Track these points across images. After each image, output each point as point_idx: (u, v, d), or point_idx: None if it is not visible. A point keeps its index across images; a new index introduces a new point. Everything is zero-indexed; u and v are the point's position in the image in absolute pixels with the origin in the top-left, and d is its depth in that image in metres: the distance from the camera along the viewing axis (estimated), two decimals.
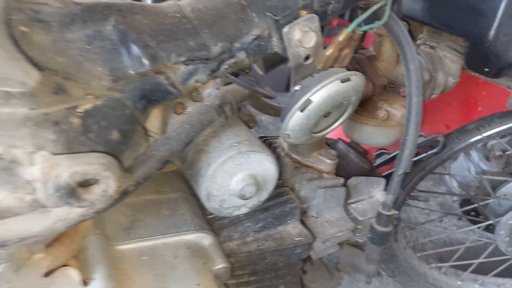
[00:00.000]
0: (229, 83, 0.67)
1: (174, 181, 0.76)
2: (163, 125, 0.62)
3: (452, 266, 1.52)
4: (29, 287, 0.49)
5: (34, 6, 0.45)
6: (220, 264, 0.62)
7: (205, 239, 0.65)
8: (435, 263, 1.50)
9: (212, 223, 0.70)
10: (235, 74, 0.67)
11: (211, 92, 0.58)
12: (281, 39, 0.56)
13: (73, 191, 0.42)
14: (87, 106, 0.45)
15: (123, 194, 0.48)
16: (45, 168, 0.40)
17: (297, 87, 0.59)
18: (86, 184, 0.43)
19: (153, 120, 0.58)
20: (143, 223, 0.64)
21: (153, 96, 0.53)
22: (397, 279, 1.50)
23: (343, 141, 0.87)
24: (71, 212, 0.44)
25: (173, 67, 0.52)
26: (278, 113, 0.87)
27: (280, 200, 0.72)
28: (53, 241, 0.51)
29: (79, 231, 0.54)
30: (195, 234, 0.64)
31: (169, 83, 0.53)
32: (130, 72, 0.49)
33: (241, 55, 0.56)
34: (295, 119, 0.58)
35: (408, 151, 0.66)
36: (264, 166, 0.58)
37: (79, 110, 0.44)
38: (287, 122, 0.59)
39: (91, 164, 0.42)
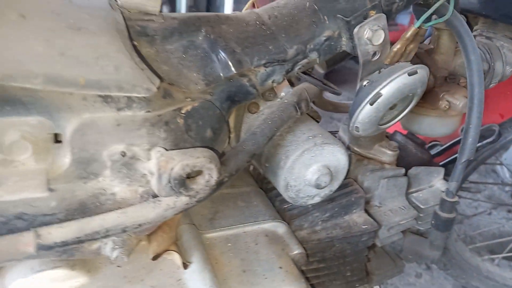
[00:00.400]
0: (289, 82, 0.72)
1: (244, 176, 0.82)
2: (237, 124, 0.68)
3: (505, 258, 1.50)
4: (138, 269, 0.55)
5: (141, 22, 0.51)
6: (296, 250, 0.67)
7: (279, 227, 0.70)
8: (487, 255, 1.49)
9: (282, 214, 0.75)
10: (304, 74, 0.72)
11: (286, 90, 0.63)
12: (351, 38, 0.60)
13: (183, 182, 0.48)
14: (188, 107, 0.51)
15: (219, 184, 0.53)
16: (161, 161, 0.46)
17: (365, 82, 0.63)
18: (191, 176, 0.49)
19: (229, 120, 0.64)
20: (224, 214, 0.69)
21: (236, 97, 0.58)
22: (448, 272, 1.50)
23: (401, 133, 0.90)
24: (177, 201, 0.50)
25: (255, 70, 0.57)
26: (337, 109, 0.91)
27: (345, 190, 0.77)
28: (156, 229, 0.57)
29: (175, 220, 0.60)
30: (271, 223, 0.70)
31: (251, 85, 0.58)
32: (220, 76, 0.55)
33: (313, 56, 0.61)
34: (365, 112, 0.62)
35: (472, 138, 0.68)
36: (337, 157, 0.62)
37: (182, 111, 0.50)
38: (357, 116, 0.63)
39: (198, 158, 0.48)
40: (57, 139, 0.45)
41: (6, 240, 0.44)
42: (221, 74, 0.55)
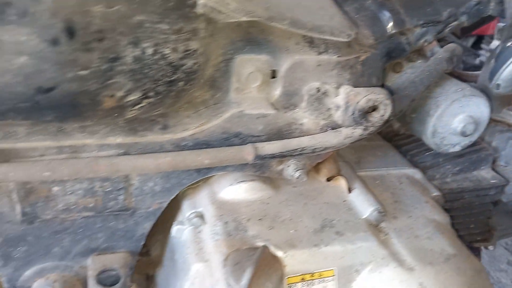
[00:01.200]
0: None
1: (375, 135, 0.92)
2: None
3: None
4: (311, 190, 0.68)
5: None
6: (434, 192, 0.76)
7: (416, 174, 0.79)
8: None
9: (415, 166, 0.84)
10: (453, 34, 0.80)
11: (436, 49, 0.72)
12: (500, 2, 0.68)
13: (364, 114, 0.59)
14: (363, 57, 0.62)
15: (386, 122, 0.64)
16: (350, 95, 0.58)
17: (509, 43, 0.70)
18: (369, 110, 0.60)
19: None
20: (366, 160, 0.80)
21: (393, 53, 0.68)
22: None
23: None
24: (354, 132, 0.62)
25: (413, 30, 0.67)
26: (460, 77, 0.98)
27: (475, 148, 0.84)
28: (323, 161, 0.69)
29: (335, 156, 0.72)
30: (408, 169, 0.79)
31: (407, 43, 0.68)
32: (385, 33, 0.66)
33: (463, 18, 0.69)
34: (509, 70, 0.69)
35: None
36: (481, 109, 0.70)
37: (360, 59, 0.62)
38: (500, 73, 0.70)
39: (379, 94, 0.59)
40: (273, 75, 0.58)
41: (234, 149, 0.58)
42: (386, 32, 0.66)
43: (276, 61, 0.57)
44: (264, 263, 0.52)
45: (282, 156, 0.61)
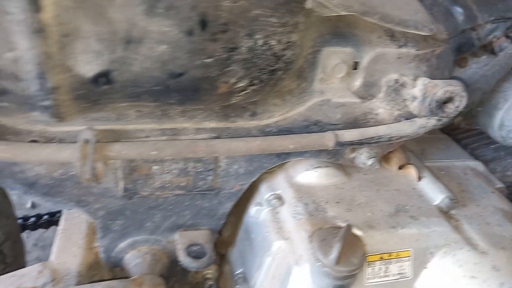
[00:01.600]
0: None
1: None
2: None
3: None
4: (381, 178, 0.72)
5: None
6: (498, 184, 0.78)
7: (479, 166, 0.81)
8: None
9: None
10: None
11: (504, 45, 0.74)
12: None
13: (441, 105, 0.62)
14: (438, 51, 0.66)
15: (458, 114, 0.67)
16: (428, 87, 0.62)
17: None
18: (445, 102, 0.63)
19: None
20: (430, 151, 0.83)
21: (463, 48, 0.71)
22: None
23: None
24: (428, 122, 0.65)
25: (483, 25, 0.70)
26: None
27: None
28: (392, 151, 0.73)
29: (402, 147, 0.75)
30: (471, 162, 0.82)
31: (477, 38, 0.70)
32: (457, 28, 0.68)
33: None
34: None
35: None
36: None
37: (436, 53, 0.65)
38: None
39: (456, 86, 0.62)
40: (354, 66, 0.62)
41: (316, 136, 0.63)
42: (458, 27, 0.68)
43: (359, 53, 0.61)
44: (349, 240, 0.56)
45: (360, 144, 0.64)
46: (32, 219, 1.15)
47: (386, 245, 0.60)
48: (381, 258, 0.60)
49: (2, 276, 0.60)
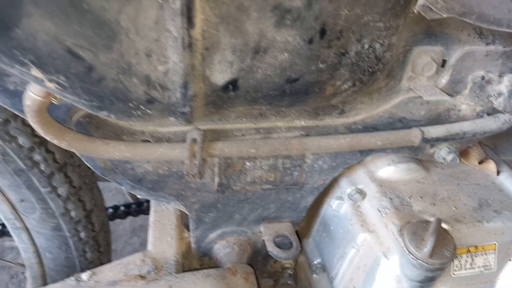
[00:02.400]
0: None
1: None
2: None
3: None
4: (459, 173, 0.73)
5: None
6: None
7: None
8: None
9: None
10: None
11: None
12: None
13: None
14: None
15: None
16: None
17: None
18: None
19: None
20: (503, 146, 0.84)
21: None
22: None
23: None
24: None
25: None
26: None
27: None
28: (470, 146, 0.74)
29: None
30: None
31: None
32: None
33: None
34: None
35: None
36: None
37: None
38: None
39: None
40: (442, 64, 0.64)
41: (403, 132, 0.65)
42: None
43: (448, 51, 0.62)
44: (439, 234, 0.58)
45: (445, 140, 0.66)
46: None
47: (472, 238, 0.62)
48: (468, 251, 0.62)
49: (110, 264, 0.66)
